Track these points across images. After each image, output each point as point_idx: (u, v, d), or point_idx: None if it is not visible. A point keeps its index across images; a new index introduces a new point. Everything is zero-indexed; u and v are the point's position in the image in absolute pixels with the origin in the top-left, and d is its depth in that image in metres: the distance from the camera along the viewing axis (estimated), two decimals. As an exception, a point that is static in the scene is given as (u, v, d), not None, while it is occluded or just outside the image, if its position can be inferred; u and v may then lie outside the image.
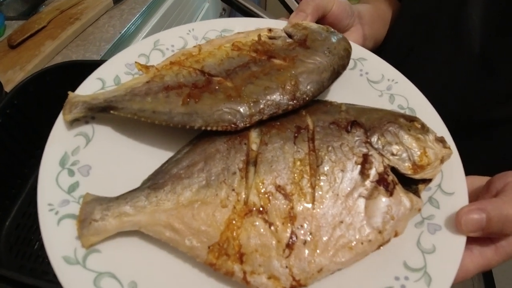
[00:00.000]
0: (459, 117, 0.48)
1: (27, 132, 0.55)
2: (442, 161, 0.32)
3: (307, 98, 0.35)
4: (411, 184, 0.32)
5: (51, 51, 0.77)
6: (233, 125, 0.33)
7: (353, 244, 0.28)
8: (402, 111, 0.38)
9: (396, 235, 0.29)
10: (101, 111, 0.35)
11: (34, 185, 0.53)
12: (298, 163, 0.31)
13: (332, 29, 0.41)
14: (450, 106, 0.44)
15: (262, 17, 0.54)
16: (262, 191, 0.29)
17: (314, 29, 0.41)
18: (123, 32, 0.85)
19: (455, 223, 0.30)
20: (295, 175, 0.30)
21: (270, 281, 0.26)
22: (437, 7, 0.51)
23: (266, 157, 0.31)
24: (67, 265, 0.27)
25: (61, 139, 0.35)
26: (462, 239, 0.30)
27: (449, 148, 0.32)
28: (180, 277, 0.28)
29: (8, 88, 0.67)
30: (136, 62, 0.39)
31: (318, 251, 0.27)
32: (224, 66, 0.38)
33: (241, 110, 0.33)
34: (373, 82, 0.42)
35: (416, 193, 0.31)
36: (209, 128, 0.33)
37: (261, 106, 0.33)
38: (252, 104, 0.33)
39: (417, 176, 0.31)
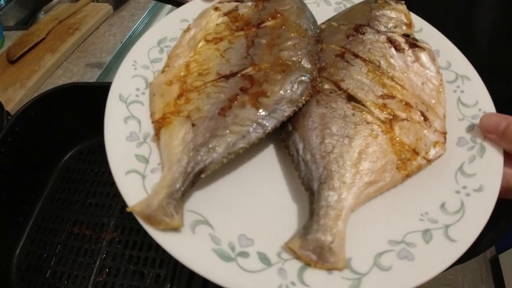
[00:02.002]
0: None
1: (30, 157, 0.55)
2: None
3: (320, 31, 0.39)
4: (408, 39, 0.43)
5: (51, 65, 0.74)
6: (312, 88, 0.34)
7: (439, 89, 0.37)
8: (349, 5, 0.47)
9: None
10: (192, 185, 0.30)
11: (41, 211, 0.54)
12: (370, 74, 0.36)
13: None
14: None
15: None
16: (379, 106, 0.34)
17: (253, -15, 0.42)
18: (124, 41, 0.81)
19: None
20: (378, 81, 0.36)
21: (437, 147, 0.34)
22: (444, 7, 0.49)
23: (355, 86, 0.35)
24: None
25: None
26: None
27: (402, 3, 0.44)
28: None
29: (8, 107, 0.64)
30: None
31: (435, 108, 0.36)
32: (235, 58, 0.36)
33: (303, 72, 0.34)
34: None
35: (417, 42, 0.42)
36: (300, 105, 0.33)
37: (310, 58, 0.35)
38: (302, 63, 0.35)
39: (410, 31, 0.42)
